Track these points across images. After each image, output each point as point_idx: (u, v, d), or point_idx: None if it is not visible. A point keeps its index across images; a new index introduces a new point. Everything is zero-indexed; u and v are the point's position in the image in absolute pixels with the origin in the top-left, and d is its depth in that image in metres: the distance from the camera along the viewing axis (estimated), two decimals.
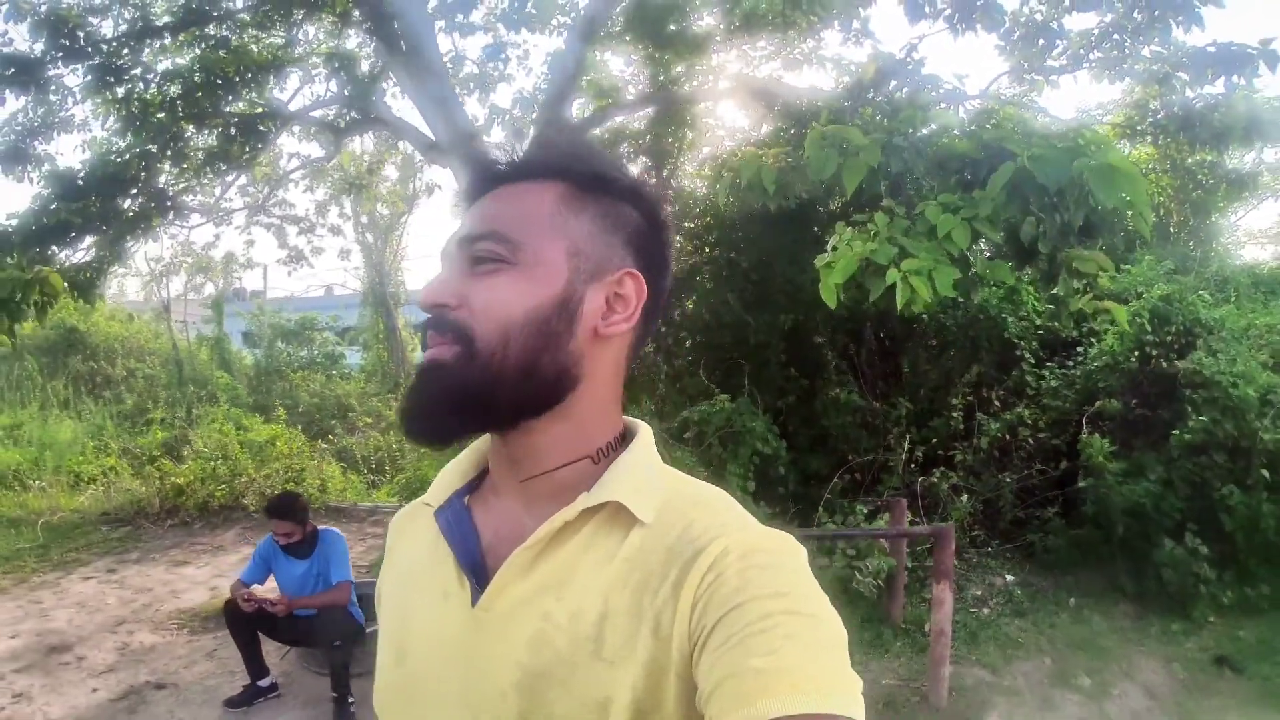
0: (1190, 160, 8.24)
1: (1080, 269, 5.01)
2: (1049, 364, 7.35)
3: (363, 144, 10.04)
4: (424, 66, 6.25)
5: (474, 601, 0.82)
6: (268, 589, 4.84)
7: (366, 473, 9.99)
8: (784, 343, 7.86)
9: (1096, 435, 6.44)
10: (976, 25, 5.96)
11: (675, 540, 0.79)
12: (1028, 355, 7.40)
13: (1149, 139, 7.12)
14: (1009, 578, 6.16)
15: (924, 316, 7.62)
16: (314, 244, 10.34)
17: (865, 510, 6.22)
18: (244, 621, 4.62)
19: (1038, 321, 7.64)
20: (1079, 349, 7.37)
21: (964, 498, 6.70)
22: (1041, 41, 6.10)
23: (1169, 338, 6.65)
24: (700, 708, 0.70)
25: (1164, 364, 6.60)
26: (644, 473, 0.85)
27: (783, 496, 6.77)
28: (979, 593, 5.97)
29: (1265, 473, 5.70)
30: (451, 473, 0.95)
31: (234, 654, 4.84)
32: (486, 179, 0.89)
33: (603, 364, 0.87)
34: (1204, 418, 6.07)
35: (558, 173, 0.87)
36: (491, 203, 0.87)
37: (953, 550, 4.82)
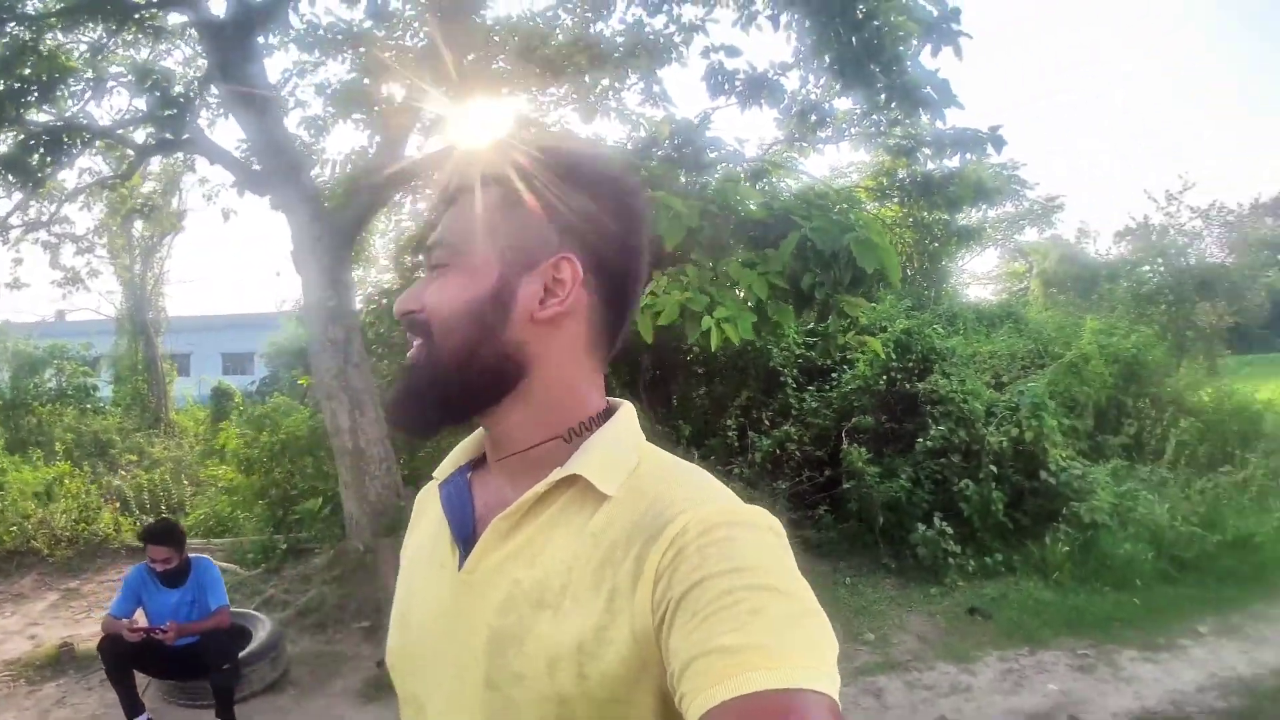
0: (928, 217, 9.96)
1: (847, 311, 6.18)
2: (809, 388, 8.61)
3: (150, 164, 9.55)
4: (253, 97, 6.36)
5: (460, 567, 0.91)
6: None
7: (139, 514, 9.40)
8: None
9: (855, 446, 7.69)
10: (762, 101, 7.07)
11: (641, 515, 0.82)
12: (790, 381, 8.61)
13: (895, 200, 8.64)
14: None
15: (695, 348, 8.74)
16: (91, 265, 9.60)
17: None
18: (124, 657, 4.48)
19: (797, 352, 8.90)
20: (833, 375, 8.72)
21: None
22: (814, 117, 7.30)
23: (910, 364, 8.10)
24: (671, 687, 0.72)
25: (907, 385, 8.02)
26: (613, 448, 0.90)
27: None
28: None
29: (993, 468, 7.16)
30: (460, 450, 1.04)
31: (89, 699, 4.71)
32: (448, 191, 0.97)
33: (554, 347, 0.91)
34: (942, 428, 7.49)
35: (498, 178, 0.92)
36: (450, 213, 0.95)
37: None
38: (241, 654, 5.00)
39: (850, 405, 8.23)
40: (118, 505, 9.27)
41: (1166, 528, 6.79)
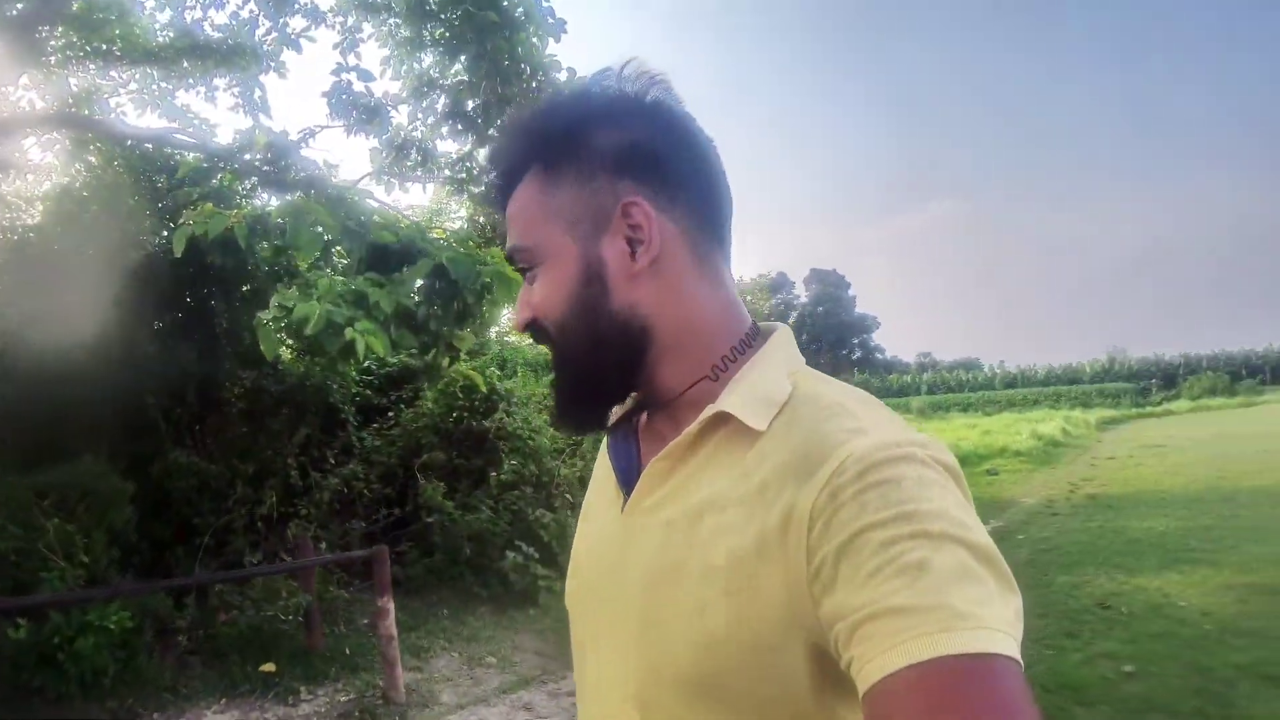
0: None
1: (455, 344, 6.57)
2: (373, 425, 8.62)
3: None
4: None
5: (623, 509, 0.93)
6: None
7: None
8: (118, 403, 7.60)
9: (432, 482, 7.93)
10: (369, 131, 7.17)
11: (794, 452, 0.79)
12: (351, 419, 8.55)
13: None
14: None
15: (246, 384, 8.30)
16: None
17: (259, 560, 6.71)
18: None
19: (354, 390, 8.86)
20: (390, 413, 8.83)
21: (323, 545, 7.50)
22: (417, 155, 7.54)
23: (476, 403, 8.56)
24: (835, 650, 0.70)
25: (474, 423, 8.49)
26: (762, 380, 0.87)
27: (138, 565, 6.73)
28: (365, 621, 6.86)
29: (568, 496, 7.88)
30: (626, 403, 1.04)
31: None
32: (495, 201, 0.98)
33: (662, 292, 0.89)
34: (514, 462, 8.09)
35: (527, 162, 0.92)
36: (510, 217, 0.94)
37: (389, 568, 5.81)
38: None
39: (418, 442, 8.42)
40: None
41: None
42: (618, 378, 0.92)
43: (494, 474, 8.05)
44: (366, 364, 9.12)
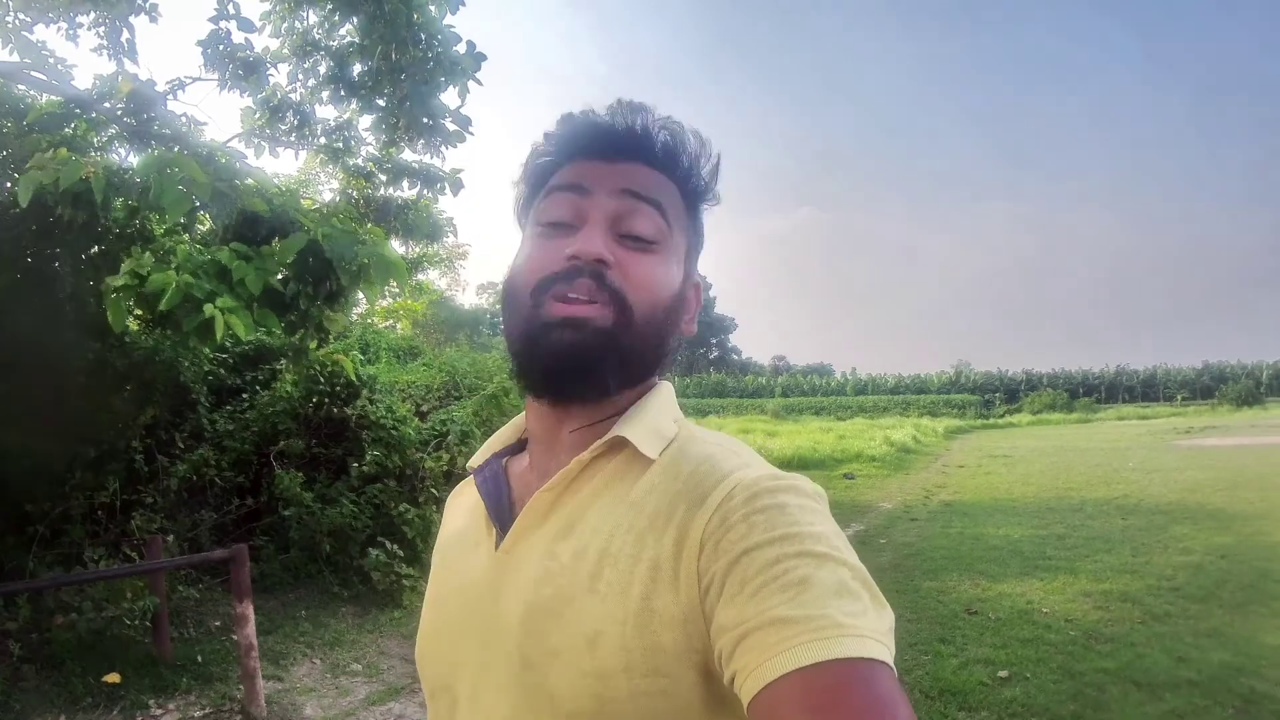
0: None
1: (325, 325, 6.27)
2: (226, 408, 8.12)
3: None
4: None
5: (497, 546, 0.92)
6: None
7: None
8: None
9: (289, 471, 7.53)
10: (244, 88, 6.73)
11: (683, 482, 0.83)
12: (203, 400, 8.03)
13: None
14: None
15: (89, 356, 7.68)
16: None
17: (101, 555, 6.22)
18: None
19: (206, 368, 8.32)
20: (244, 395, 8.34)
21: (170, 538, 7.01)
22: (291, 118, 7.10)
23: (337, 388, 8.18)
24: (719, 663, 0.72)
25: (334, 410, 8.11)
26: (655, 417, 0.92)
27: None
28: (219, 623, 6.44)
29: (434, 490, 7.61)
30: (494, 440, 1.09)
31: None
32: (629, 140, 0.95)
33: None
34: (376, 453, 7.76)
35: (680, 177, 0.96)
36: (648, 175, 0.94)
37: (248, 569, 5.45)
38: None
39: (274, 427, 7.99)
40: None
41: None
42: (637, 377, 0.93)
43: (355, 465, 7.71)
44: (222, 341, 8.64)
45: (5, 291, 7.19)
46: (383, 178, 7.66)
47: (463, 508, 1.07)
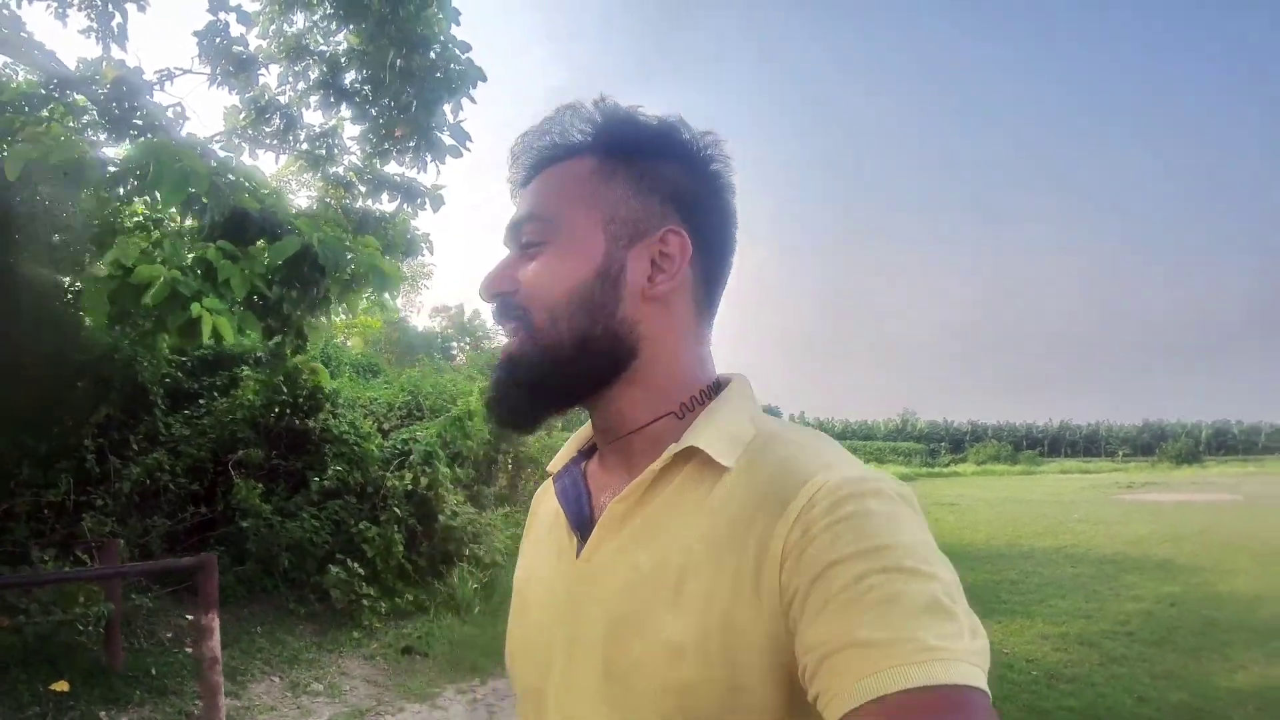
0: None
1: (307, 333, 6.31)
2: (183, 412, 8.06)
3: None
4: None
5: (578, 554, 0.92)
6: None
7: None
8: None
9: (248, 481, 7.49)
10: (233, 85, 6.78)
11: (762, 489, 0.81)
12: (160, 402, 7.96)
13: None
14: (189, 618, 6.68)
15: (45, 347, 7.60)
16: None
17: (50, 556, 6.13)
18: None
19: (165, 370, 8.26)
20: (201, 401, 8.29)
21: (121, 544, 6.93)
22: (279, 121, 7.15)
23: (300, 399, 8.18)
24: (804, 683, 0.71)
25: (296, 421, 8.11)
26: (729, 420, 0.89)
27: None
28: (170, 635, 6.37)
29: (397, 510, 7.63)
30: (573, 441, 1.07)
31: None
32: (529, 167, 0.96)
33: (663, 324, 0.92)
34: (339, 468, 7.77)
35: (588, 146, 0.93)
36: (534, 187, 0.94)
37: (217, 580, 5.40)
38: None
39: (232, 435, 7.95)
40: None
41: None
42: (579, 385, 0.92)
43: (316, 479, 7.70)
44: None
45: None
46: (362, 188, 7.74)
47: (547, 510, 1.06)
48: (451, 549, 7.82)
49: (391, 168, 7.46)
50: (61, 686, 5.28)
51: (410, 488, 7.90)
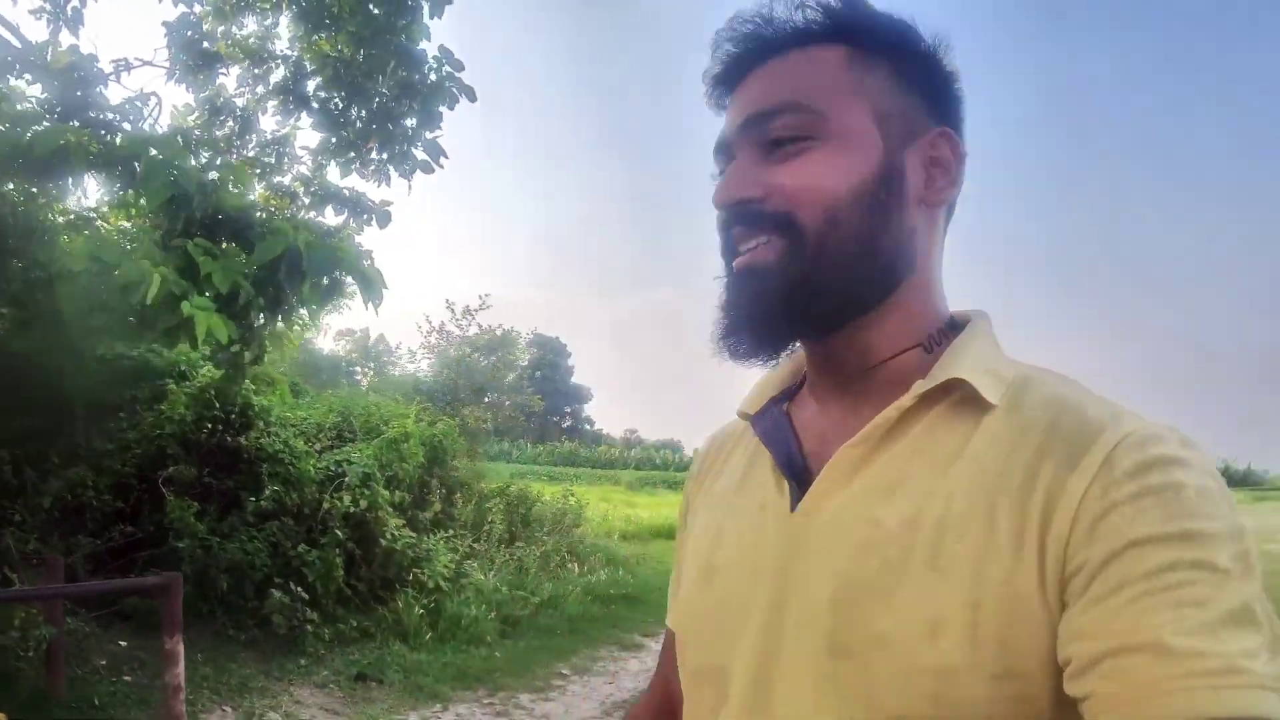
0: None
1: (269, 342, 6.14)
2: (107, 424, 7.65)
3: None
4: None
5: (793, 508, 0.80)
6: None
7: None
8: None
9: (181, 499, 7.15)
10: (191, 82, 6.59)
11: (1042, 435, 0.70)
12: (82, 413, 7.54)
13: None
14: (122, 644, 6.32)
15: None
16: None
17: None
18: None
19: (87, 380, 7.83)
20: (122, 414, 7.88)
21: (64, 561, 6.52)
22: (233, 124, 6.95)
23: (232, 416, 7.88)
24: (1069, 671, 0.62)
25: (228, 438, 7.80)
26: (986, 353, 0.79)
27: None
28: (104, 662, 6.00)
29: (339, 533, 7.39)
30: (767, 383, 0.94)
31: None
32: (751, 52, 0.83)
33: (931, 239, 0.83)
34: (276, 488, 7.51)
35: (836, 34, 0.81)
36: (773, 76, 0.82)
37: (181, 600, 5.17)
38: None
39: (160, 452, 7.59)
40: None
41: (493, 591, 7.94)
42: (850, 304, 0.80)
43: (253, 499, 7.41)
44: (102, 354, 8.18)
45: None
46: (306, 200, 7.58)
47: (734, 458, 0.95)
48: (393, 574, 7.61)
49: (345, 180, 7.35)
50: None
51: (349, 510, 7.68)
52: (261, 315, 5.76)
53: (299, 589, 6.91)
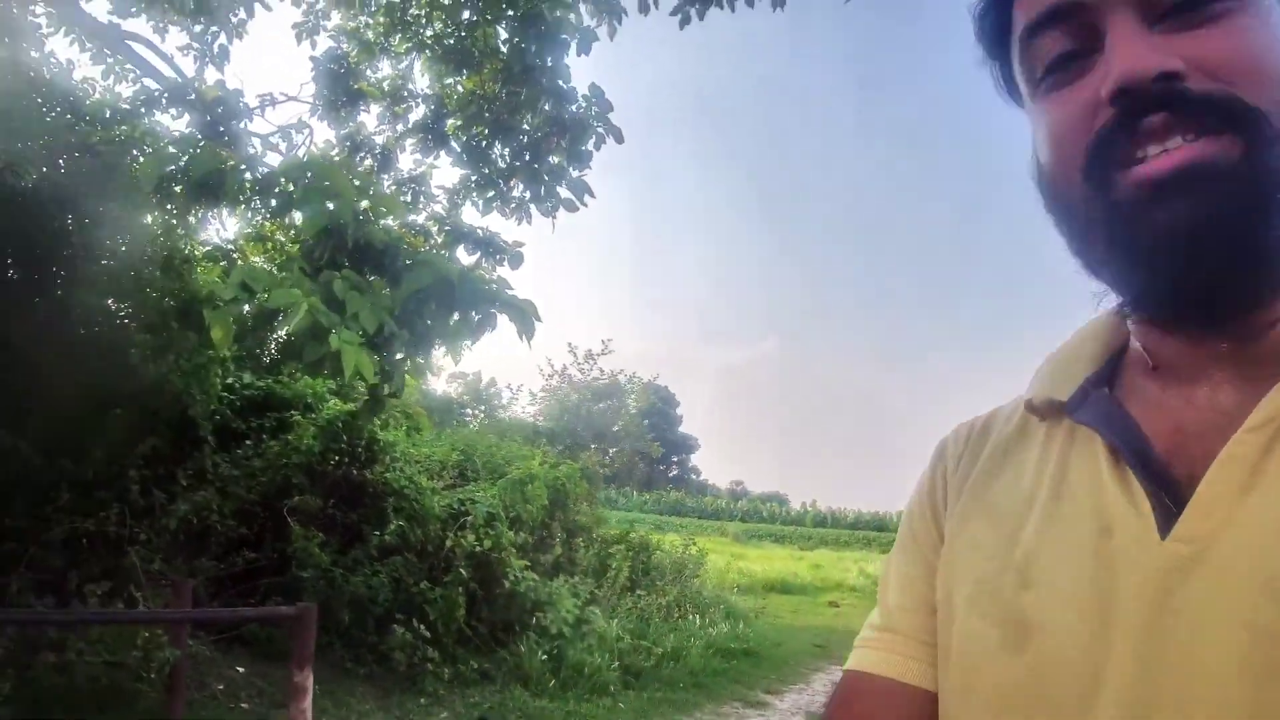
0: None
1: (410, 376, 6.04)
2: (236, 451, 7.71)
3: None
4: None
5: (1164, 531, 0.57)
6: None
7: None
8: None
9: (307, 529, 7.12)
10: (333, 119, 6.64)
11: None
12: (210, 439, 7.61)
13: None
14: (240, 669, 6.26)
15: (89, 371, 7.32)
16: None
17: (100, 593, 5.72)
18: None
19: (214, 407, 7.92)
20: (248, 442, 7.94)
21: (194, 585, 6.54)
22: (372, 162, 7.00)
23: (358, 450, 7.86)
24: None
25: (354, 471, 7.77)
26: None
27: None
28: (221, 687, 5.94)
29: (463, 571, 7.24)
30: (1072, 359, 0.72)
31: None
32: None
33: None
34: (401, 523, 7.42)
35: None
36: None
37: (313, 633, 5.01)
38: None
39: (286, 481, 7.59)
40: None
41: (616, 639, 7.70)
42: None
43: (376, 534, 7.34)
44: (231, 382, 8.30)
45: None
46: (439, 239, 7.56)
47: (1022, 458, 0.71)
48: (514, 616, 7.44)
49: (475, 220, 7.34)
50: None
51: (473, 549, 7.55)
52: (403, 349, 5.70)
53: (421, 626, 6.78)
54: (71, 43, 7.07)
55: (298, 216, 5.63)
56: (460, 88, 6.71)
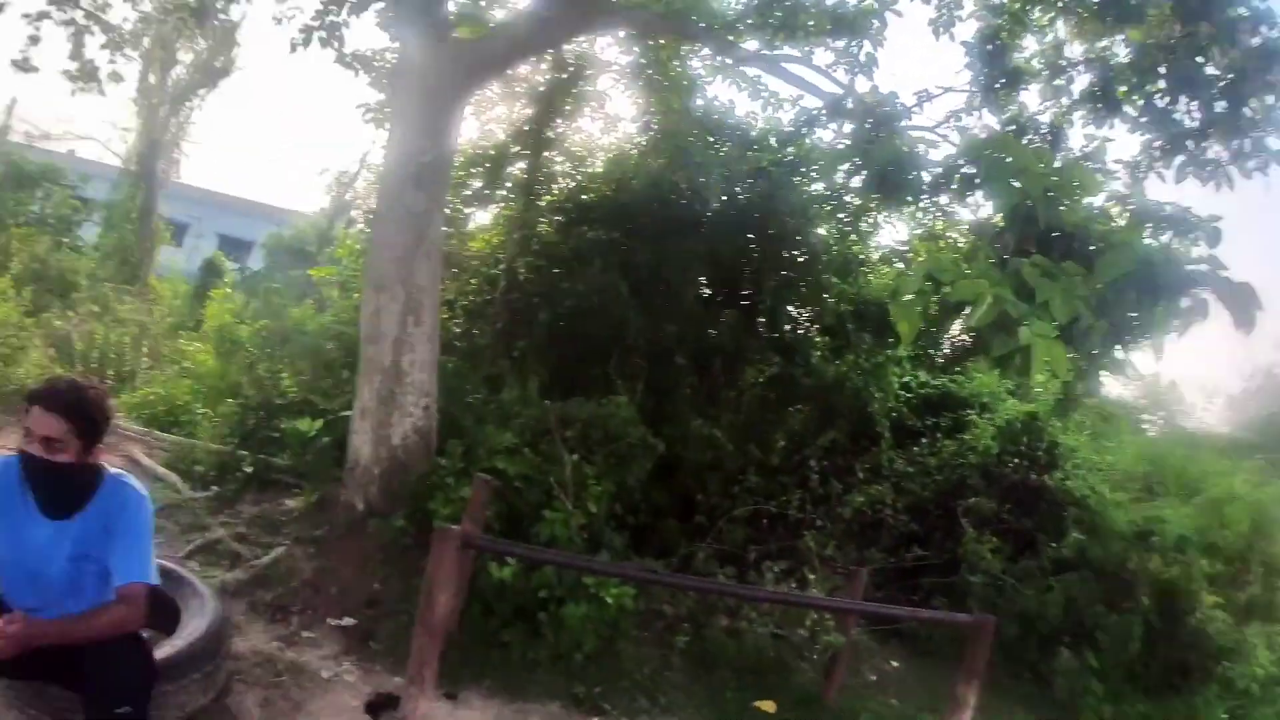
0: None
1: (1110, 370, 5.29)
2: (912, 448, 7.79)
3: None
4: None
5: None
6: None
7: (81, 369, 7.83)
8: (648, 352, 7.48)
9: (979, 532, 6.87)
10: (992, 103, 6.25)
11: None
12: (887, 435, 7.75)
13: None
14: (894, 664, 6.24)
15: (775, 369, 7.93)
16: (116, 66, 7.28)
17: (776, 570, 6.01)
18: None
19: (890, 404, 8.05)
20: (923, 440, 7.93)
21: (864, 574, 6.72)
22: (1041, 144, 6.51)
23: (1039, 453, 7.41)
24: None
25: (1033, 475, 7.34)
26: None
27: (633, 528, 6.23)
28: (874, 678, 5.97)
29: (1145, 599, 6.44)
30: None
31: None
32: None
33: None
34: (1079, 536, 6.80)
35: None
36: None
37: (989, 647, 4.79)
38: (161, 656, 3.09)
39: (960, 481, 7.43)
40: (54, 352, 7.70)
41: None
42: None
43: (1052, 545, 6.82)
44: (907, 380, 8.38)
45: (711, 296, 8.05)
46: (1121, 220, 6.71)
47: None
48: (1194, 661, 6.38)
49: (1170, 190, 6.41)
50: (768, 706, 5.07)
51: (1159, 575, 6.65)
52: (1100, 343, 5.11)
53: (1089, 654, 6.17)
54: (729, 84, 7.90)
55: (980, 206, 5.40)
56: (1124, 46, 5.96)
